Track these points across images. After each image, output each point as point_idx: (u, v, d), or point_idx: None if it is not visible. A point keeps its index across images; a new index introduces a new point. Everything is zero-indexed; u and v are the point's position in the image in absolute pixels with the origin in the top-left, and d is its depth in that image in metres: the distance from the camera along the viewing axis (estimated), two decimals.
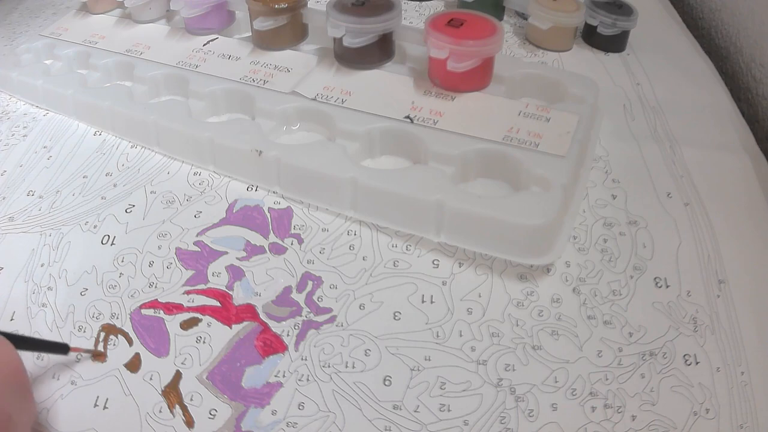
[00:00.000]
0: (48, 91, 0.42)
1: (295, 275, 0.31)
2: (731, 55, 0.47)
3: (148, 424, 0.26)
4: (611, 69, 0.43)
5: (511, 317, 0.29)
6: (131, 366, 0.28)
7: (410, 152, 0.35)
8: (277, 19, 0.39)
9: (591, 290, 0.30)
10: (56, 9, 0.54)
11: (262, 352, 0.28)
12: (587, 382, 0.26)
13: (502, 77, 0.37)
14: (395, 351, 0.28)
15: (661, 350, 0.27)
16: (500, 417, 0.25)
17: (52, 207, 0.35)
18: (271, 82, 0.38)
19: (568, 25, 0.44)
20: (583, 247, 0.31)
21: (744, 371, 0.26)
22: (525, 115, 0.34)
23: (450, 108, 0.35)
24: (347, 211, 0.33)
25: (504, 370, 0.27)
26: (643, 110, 0.40)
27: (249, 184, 0.35)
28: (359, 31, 0.36)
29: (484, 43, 0.34)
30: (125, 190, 0.36)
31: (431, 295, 0.30)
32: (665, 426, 0.25)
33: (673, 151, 0.36)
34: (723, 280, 0.30)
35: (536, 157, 0.32)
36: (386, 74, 0.38)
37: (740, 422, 0.25)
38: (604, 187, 0.34)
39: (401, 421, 0.26)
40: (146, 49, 0.42)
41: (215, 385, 0.27)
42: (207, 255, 0.32)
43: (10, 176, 0.38)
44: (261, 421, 0.26)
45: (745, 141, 0.37)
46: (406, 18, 0.49)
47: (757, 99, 0.44)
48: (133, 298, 0.30)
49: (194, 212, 0.34)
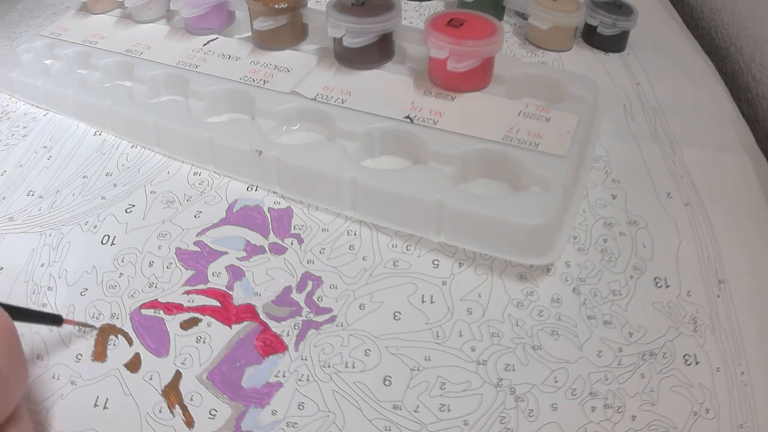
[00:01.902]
0: (48, 91, 0.42)
1: (295, 275, 0.31)
2: (731, 55, 0.47)
3: (148, 424, 0.26)
4: (611, 69, 0.43)
5: (511, 317, 0.29)
6: (131, 366, 0.28)
7: (410, 152, 0.35)
8: (277, 19, 0.39)
9: (591, 290, 0.30)
10: (56, 9, 0.54)
11: (262, 352, 0.28)
12: (587, 382, 0.26)
13: (502, 77, 0.37)
14: (395, 351, 0.28)
15: (661, 350, 0.27)
16: (500, 417, 0.25)
17: (52, 207, 0.35)
18: (271, 82, 0.38)
19: (568, 25, 0.44)
20: (583, 247, 0.31)
21: (744, 371, 0.26)
22: (525, 115, 0.34)
23: (450, 108, 0.35)
24: (347, 211, 0.33)
25: (504, 370, 0.27)
26: (643, 110, 0.40)
27: (249, 184, 0.35)
28: (359, 31, 0.36)
29: (484, 43, 0.34)
30: (125, 190, 0.36)
31: (431, 295, 0.30)
32: (665, 426, 0.25)
33: (673, 151, 0.36)
34: (723, 280, 0.30)
35: (536, 157, 0.32)
36: (386, 74, 0.38)
37: (740, 422, 0.25)
38: (604, 187, 0.34)
39: (401, 421, 0.26)
40: (146, 49, 0.42)
41: (215, 385, 0.27)
42: (207, 255, 0.32)
43: (10, 176, 0.38)
44: (261, 421, 0.26)
45: (745, 141, 0.37)
46: (406, 18, 0.49)
47: (757, 99, 0.44)
48: (133, 298, 0.30)
49: (194, 212, 0.34)
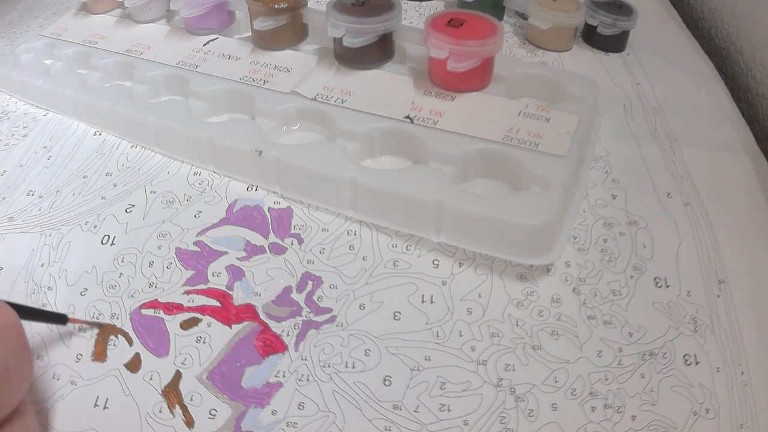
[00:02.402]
0: (48, 91, 0.42)
1: (295, 275, 0.31)
2: (731, 55, 0.47)
3: (148, 424, 0.26)
4: (611, 69, 0.43)
5: (511, 317, 0.29)
6: (131, 366, 0.28)
7: (410, 152, 0.35)
8: (277, 19, 0.39)
9: (591, 290, 0.30)
10: (56, 9, 0.54)
11: (262, 352, 0.28)
12: (587, 382, 0.26)
13: (502, 77, 0.37)
14: (395, 351, 0.28)
15: (661, 350, 0.27)
16: (500, 417, 0.25)
17: (52, 207, 0.35)
18: (271, 82, 0.38)
19: (568, 25, 0.44)
20: (583, 247, 0.31)
21: (744, 371, 0.26)
22: (525, 115, 0.34)
23: (450, 108, 0.35)
24: (347, 211, 0.33)
25: (504, 370, 0.27)
26: (643, 110, 0.40)
27: (249, 184, 0.35)
28: (359, 31, 0.36)
29: (484, 43, 0.34)
30: (125, 190, 0.36)
31: (431, 295, 0.30)
32: (665, 426, 0.25)
33: (673, 151, 0.36)
34: (723, 280, 0.30)
35: (536, 157, 0.32)
36: (386, 74, 0.38)
37: (740, 422, 0.25)
38: (604, 187, 0.34)
39: (401, 421, 0.26)
40: (146, 49, 0.42)
41: (215, 385, 0.27)
42: (207, 255, 0.32)
43: (10, 176, 0.38)
44: (261, 421, 0.26)
45: (745, 141, 0.37)
46: (406, 18, 0.49)
47: (757, 99, 0.44)
48: (133, 298, 0.30)
49: (194, 212, 0.34)
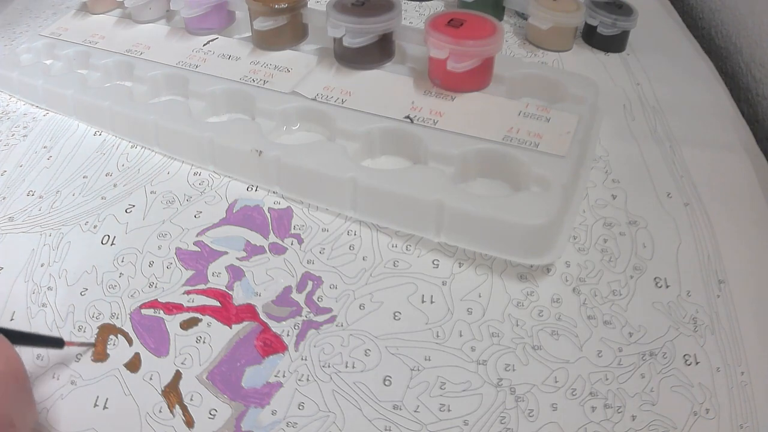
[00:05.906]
0: (48, 91, 0.42)
1: (295, 275, 0.31)
2: (731, 55, 0.47)
3: (148, 424, 0.26)
4: (611, 69, 0.43)
5: (511, 317, 0.29)
6: (131, 366, 0.28)
7: (410, 152, 0.35)
8: (277, 19, 0.39)
9: (591, 290, 0.30)
10: (56, 9, 0.54)
11: (262, 352, 0.28)
12: (587, 382, 0.26)
13: (502, 77, 0.37)
14: (395, 351, 0.28)
15: (661, 350, 0.27)
16: (500, 417, 0.25)
17: (52, 207, 0.35)
18: (271, 82, 0.38)
19: (568, 25, 0.44)
20: (583, 247, 0.31)
21: (744, 371, 0.26)
22: (525, 115, 0.34)
23: (450, 108, 0.35)
24: (347, 211, 0.33)
25: (504, 370, 0.27)
26: (643, 110, 0.40)
27: (249, 184, 0.35)
28: (359, 31, 0.36)
29: (484, 43, 0.34)
30: (125, 190, 0.36)
31: (431, 295, 0.30)
32: (665, 426, 0.25)
33: (673, 151, 0.36)
34: (723, 280, 0.30)
35: (536, 157, 0.32)
36: (386, 74, 0.38)
37: (740, 422, 0.25)
38: (604, 187, 0.34)
39: (401, 421, 0.26)
40: (146, 49, 0.42)
41: (215, 385, 0.27)
42: (207, 255, 0.32)
43: (10, 176, 0.38)
44: (261, 421, 0.26)
45: (745, 141, 0.37)
46: (406, 18, 0.49)
47: (757, 99, 0.44)
48: (133, 298, 0.30)
49: (194, 212, 0.34)
